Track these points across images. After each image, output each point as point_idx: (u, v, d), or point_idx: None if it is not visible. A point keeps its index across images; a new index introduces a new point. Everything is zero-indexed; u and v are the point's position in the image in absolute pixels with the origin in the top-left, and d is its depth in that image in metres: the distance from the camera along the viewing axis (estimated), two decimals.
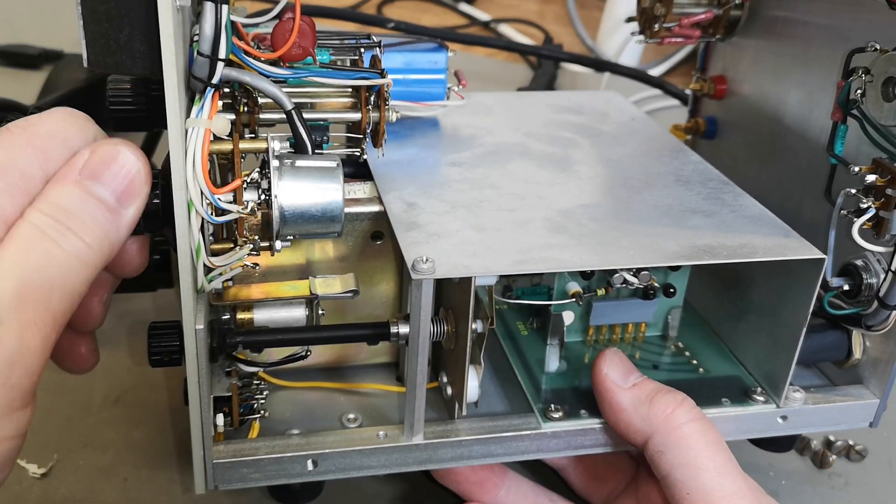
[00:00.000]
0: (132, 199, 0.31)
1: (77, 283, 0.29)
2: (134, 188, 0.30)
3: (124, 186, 0.30)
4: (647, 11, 0.52)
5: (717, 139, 0.57)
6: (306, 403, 0.42)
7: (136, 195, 0.31)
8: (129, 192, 0.30)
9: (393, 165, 0.44)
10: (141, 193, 0.31)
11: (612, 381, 0.38)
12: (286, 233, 0.34)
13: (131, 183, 0.30)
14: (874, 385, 0.43)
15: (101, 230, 0.30)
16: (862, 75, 0.40)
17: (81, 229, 0.29)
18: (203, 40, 0.31)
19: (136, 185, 0.31)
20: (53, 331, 0.28)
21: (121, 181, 0.30)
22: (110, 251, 0.30)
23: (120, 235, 0.30)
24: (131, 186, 0.30)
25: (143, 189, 0.31)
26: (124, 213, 0.30)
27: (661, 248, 0.38)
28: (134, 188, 0.30)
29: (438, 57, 0.48)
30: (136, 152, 0.31)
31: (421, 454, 0.39)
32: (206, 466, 0.36)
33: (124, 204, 0.30)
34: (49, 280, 0.28)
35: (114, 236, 0.30)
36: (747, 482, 0.37)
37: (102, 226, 0.30)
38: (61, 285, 0.28)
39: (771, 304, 0.42)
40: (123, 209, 0.30)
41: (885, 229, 0.39)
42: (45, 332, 0.27)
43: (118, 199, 0.30)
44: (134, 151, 0.31)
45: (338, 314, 0.42)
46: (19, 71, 0.94)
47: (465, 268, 0.35)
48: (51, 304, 0.28)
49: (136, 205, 0.31)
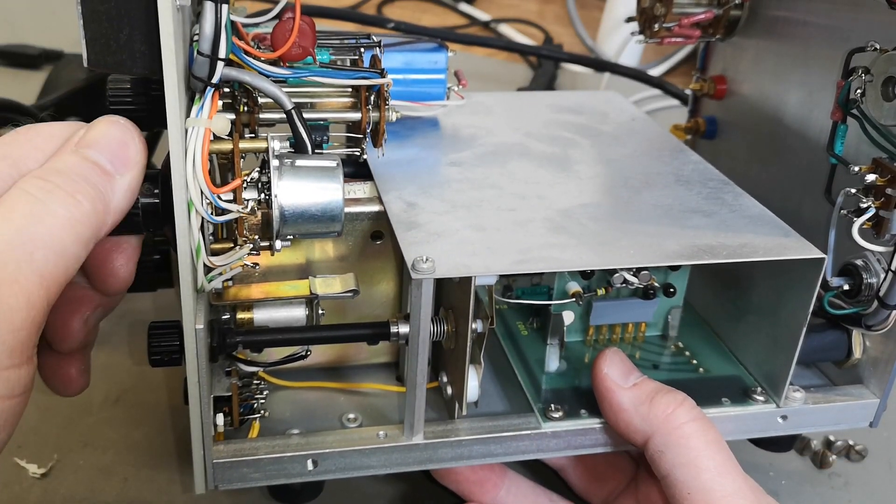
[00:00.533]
0: (127, 167, 0.30)
1: (67, 241, 0.28)
2: (129, 156, 0.30)
3: (120, 154, 0.30)
4: (647, 11, 0.52)
5: (717, 139, 0.57)
6: (306, 403, 0.42)
7: (132, 164, 0.30)
8: (125, 159, 0.30)
9: (393, 165, 0.44)
10: (137, 164, 0.31)
11: (612, 380, 0.38)
12: (286, 232, 0.34)
13: (126, 151, 0.30)
14: (874, 385, 0.43)
15: (94, 189, 0.29)
16: (862, 75, 0.40)
17: (71, 186, 0.28)
18: (203, 40, 0.30)
19: (130, 154, 0.30)
20: (41, 288, 0.27)
21: (116, 149, 0.30)
22: (104, 213, 0.29)
23: (115, 200, 0.30)
24: (126, 154, 0.30)
25: (139, 160, 0.31)
26: (119, 180, 0.30)
27: (662, 248, 0.38)
28: (129, 156, 0.30)
29: (438, 57, 0.48)
30: (132, 127, 0.31)
31: (421, 454, 0.39)
32: (206, 466, 0.36)
33: (119, 170, 0.30)
34: (31, 238, 0.27)
35: (108, 198, 0.30)
36: (747, 482, 0.37)
37: (94, 184, 0.29)
38: (47, 243, 0.27)
39: (771, 303, 0.42)
40: (118, 175, 0.30)
41: (884, 229, 0.39)
42: (28, 290, 0.27)
43: (113, 165, 0.30)
44: (129, 125, 0.31)
45: (338, 314, 0.42)
46: (19, 71, 0.94)
47: (465, 267, 0.35)
48: (34, 262, 0.27)
49: (132, 174, 0.31)
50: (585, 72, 1.04)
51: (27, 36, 0.98)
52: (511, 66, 1.07)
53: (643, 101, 0.93)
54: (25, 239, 0.27)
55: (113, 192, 0.30)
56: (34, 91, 0.78)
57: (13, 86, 0.88)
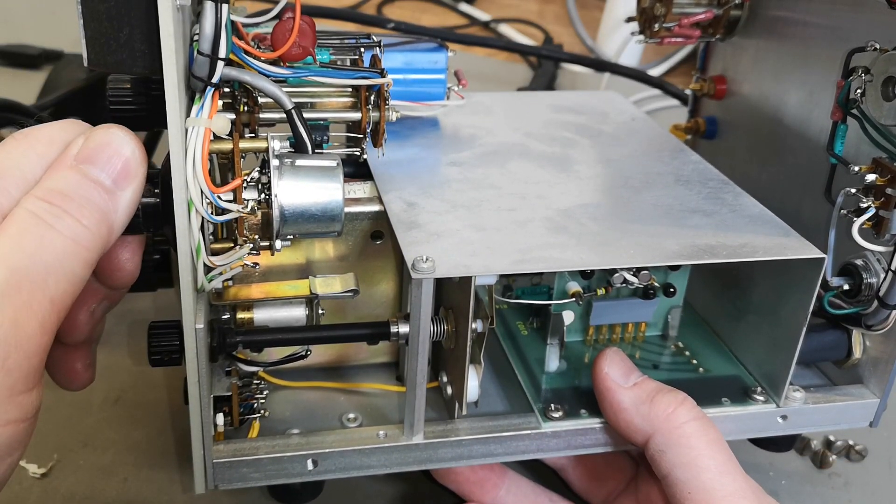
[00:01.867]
0: (128, 180, 0.30)
1: (76, 265, 0.28)
2: (129, 169, 0.30)
3: (120, 168, 0.30)
4: (647, 11, 0.52)
5: (717, 139, 0.57)
6: (306, 403, 0.42)
7: (133, 177, 0.30)
8: (125, 173, 0.30)
9: (393, 165, 0.44)
10: (137, 175, 0.31)
11: (612, 380, 0.38)
12: (286, 232, 0.34)
13: (126, 164, 0.30)
14: (874, 385, 0.43)
15: (98, 211, 0.29)
16: (862, 75, 0.40)
17: (77, 211, 0.29)
18: (203, 39, 0.30)
19: (131, 167, 0.30)
20: (52, 314, 0.28)
21: (116, 163, 0.30)
22: (108, 234, 0.30)
23: (118, 218, 0.30)
24: (126, 167, 0.30)
25: (139, 171, 0.31)
26: (121, 195, 0.30)
27: (662, 248, 0.38)
28: (129, 169, 0.30)
29: (438, 57, 0.48)
30: (130, 136, 0.31)
31: (421, 454, 0.39)
32: (206, 466, 0.36)
33: (120, 186, 0.30)
34: (44, 264, 0.27)
35: (111, 218, 0.30)
36: (748, 482, 0.37)
37: (99, 207, 0.29)
38: (57, 269, 0.28)
39: (771, 303, 0.42)
40: (120, 191, 0.30)
41: (884, 229, 0.39)
42: (41, 316, 0.27)
43: (114, 181, 0.30)
44: (128, 134, 0.31)
45: (337, 314, 0.42)
46: (19, 71, 0.94)
47: (465, 267, 0.35)
48: (47, 288, 0.27)
49: (133, 187, 0.31)
50: (585, 72, 1.04)
51: (27, 36, 0.98)
52: (511, 66, 1.07)
53: (643, 101, 0.93)
54: (39, 266, 0.27)
55: (116, 210, 0.30)
56: (34, 91, 0.78)
57: (13, 86, 0.88)
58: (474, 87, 0.53)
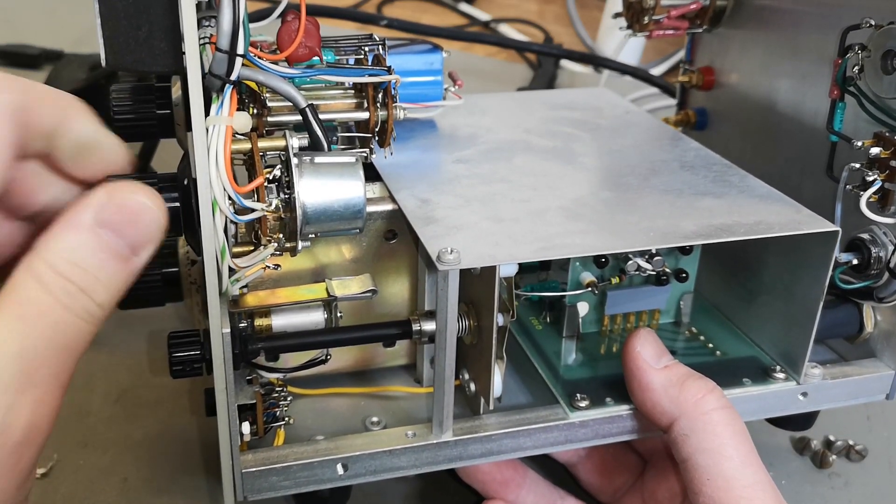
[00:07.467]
0: (147, 247, 0.29)
1: (85, 344, 0.28)
2: (151, 236, 0.29)
3: (141, 234, 0.29)
4: (635, 6, 0.52)
5: (707, 130, 0.57)
6: (327, 409, 0.41)
7: (152, 242, 0.29)
8: (146, 241, 0.29)
9: (398, 166, 0.43)
10: (156, 240, 0.29)
11: (644, 360, 0.38)
12: (309, 231, 0.34)
13: (149, 231, 0.29)
14: (888, 357, 0.44)
15: (114, 286, 0.28)
16: (859, 51, 0.41)
17: (93, 288, 0.27)
18: (221, 35, 0.30)
19: (152, 233, 0.29)
20: (61, 398, 0.27)
21: (138, 231, 0.29)
22: (114, 305, 0.29)
23: (129, 282, 0.29)
24: (148, 235, 0.29)
25: (159, 236, 0.29)
26: (136, 261, 0.29)
27: (680, 229, 0.38)
28: (151, 236, 0.29)
29: (434, 58, 0.48)
30: (153, 196, 0.29)
31: (451, 451, 0.38)
32: (235, 476, 0.35)
33: (138, 252, 0.29)
34: (58, 350, 0.27)
35: (124, 287, 0.29)
36: (768, 476, 0.37)
37: (115, 281, 0.28)
38: (71, 352, 0.27)
39: (784, 282, 0.42)
40: (136, 257, 0.29)
41: (891, 201, 0.40)
42: (53, 406, 0.27)
43: (133, 248, 0.29)
44: (151, 197, 0.29)
45: (353, 317, 0.42)
46: (19, 71, 0.91)
47: (491, 257, 0.35)
48: (61, 376, 0.27)
49: (150, 250, 0.29)
50: (585, 71, 1.04)
51: (27, 36, 0.97)
52: (511, 66, 1.07)
53: (642, 101, 0.92)
54: (53, 353, 0.27)
55: (129, 277, 0.29)
56: None
57: None
58: (475, 87, 0.53)
